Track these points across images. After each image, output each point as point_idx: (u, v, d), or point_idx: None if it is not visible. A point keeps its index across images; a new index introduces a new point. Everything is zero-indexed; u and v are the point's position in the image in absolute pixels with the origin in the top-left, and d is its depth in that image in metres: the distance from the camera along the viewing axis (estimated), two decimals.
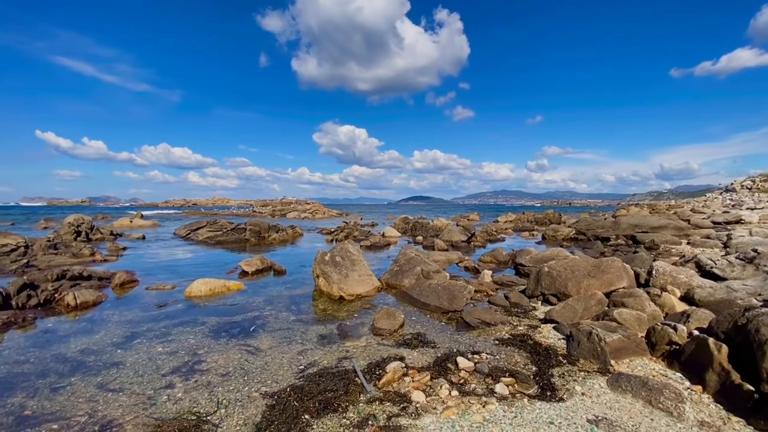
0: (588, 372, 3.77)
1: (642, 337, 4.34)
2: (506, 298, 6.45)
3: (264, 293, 7.30)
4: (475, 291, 6.76)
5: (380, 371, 3.76)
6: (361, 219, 35.35)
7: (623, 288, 5.79)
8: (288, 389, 3.44)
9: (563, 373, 3.76)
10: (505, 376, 3.62)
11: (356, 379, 3.61)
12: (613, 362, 3.87)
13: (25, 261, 10.15)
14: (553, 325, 5.14)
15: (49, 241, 12.26)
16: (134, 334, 5.06)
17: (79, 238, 14.62)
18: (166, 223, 28.42)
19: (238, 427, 2.92)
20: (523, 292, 6.83)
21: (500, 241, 17.23)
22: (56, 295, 6.48)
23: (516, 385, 3.50)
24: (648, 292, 5.66)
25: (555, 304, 5.90)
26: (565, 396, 3.32)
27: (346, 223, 23.00)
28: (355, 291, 6.85)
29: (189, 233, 17.64)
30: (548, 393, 3.38)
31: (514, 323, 5.35)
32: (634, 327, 4.58)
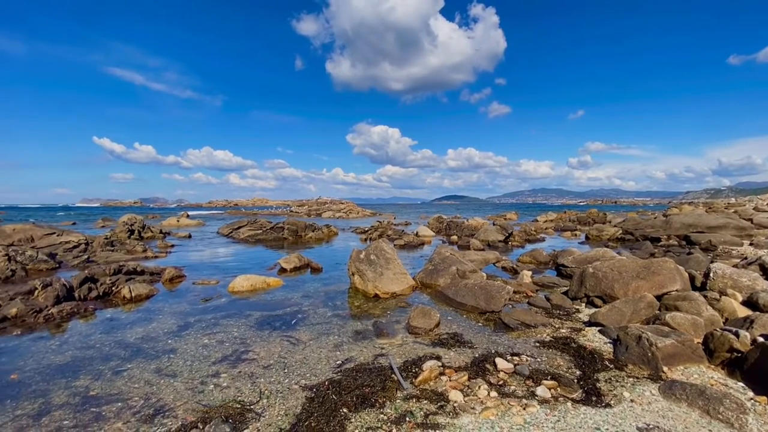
0: (637, 378, 3.58)
1: (698, 343, 4.05)
2: (547, 299, 6.24)
3: (302, 289, 7.52)
4: (514, 292, 6.59)
5: (416, 369, 3.76)
6: (395, 218, 35.41)
7: (676, 291, 5.43)
8: (326, 383, 3.53)
9: (610, 378, 3.58)
10: (546, 379, 3.51)
11: (393, 376, 3.64)
12: (665, 369, 3.64)
13: (86, 257, 11.05)
14: (599, 328, 4.91)
15: (106, 238, 13.27)
16: (185, 324, 5.39)
17: (132, 236, 15.71)
18: (209, 222, 29.93)
19: (279, 417, 3.03)
20: (565, 293, 6.57)
21: (540, 241, 16.66)
22: (113, 288, 7.01)
23: (559, 388, 3.38)
24: (705, 296, 5.27)
25: (600, 307, 5.63)
26: (612, 402, 3.17)
27: (380, 222, 23.13)
28: (389, 289, 6.88)
29: (231, 232, 18.46)
30: (594, 398, 3.24)
31: (556, 325, 5.16)
32: (689, 332, 4.28)
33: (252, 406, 3.20)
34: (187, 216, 30.72)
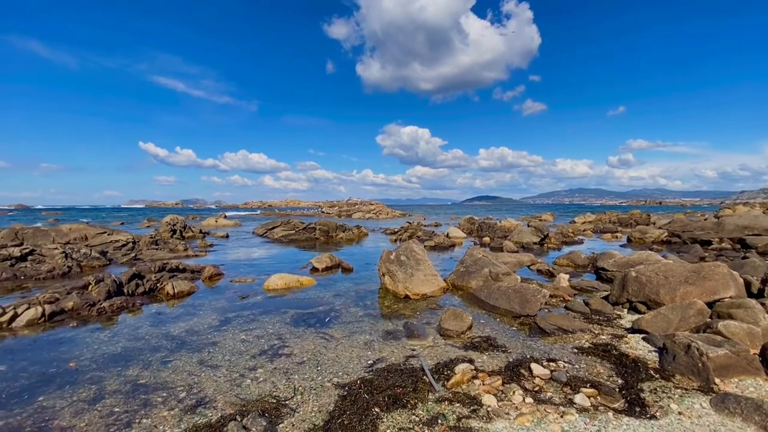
0: (686, 389, 3.37)
1: (755, 354, 3.75)
2: (586, 304, 5.99)
3: (333, 289, 7.64)
4: (550, 295, 6.39)
5: (448, 372, 3.73)
6: (425, 219, 35.20)
7: (729, 298, 5.06)
8: (358, 381, 3.57)
9: (655, 389, 3.40)
10: (585, 387, 3.37)
11: (424, 377, 3.63)
12: (717, 381, 3.41)
13: (133, 255, 11.78)
14: (642, 335, 4.67)
15: (151, 238, 14.07)
16: (224, 320, 5.65)
17: (174, 236, 16.57)
18: (245, 222, 31.04)
19: (312, 414, 3.10)
20: (605, 298, 6.29)
21: (578, 243, 16.02)
22: (158, 285, 7.42)
23: (599, 397, 3.24)
24: (763, 304, 4.87)
25: (644, 313, 5.35)
26: (657, 414, 3.01)
27: (410, 223, 23.07)
28: (420, 290, 6.86)
29: (266, 232, 19.05)
30: (637, 409, 3.09)
31: (596, 331, 4.95)
32: (745, 342, 3.98)
33: (287, 402, 3.29)
34: (225, 216, 32.03)
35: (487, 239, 16.63)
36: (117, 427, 2.95)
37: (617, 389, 3.41)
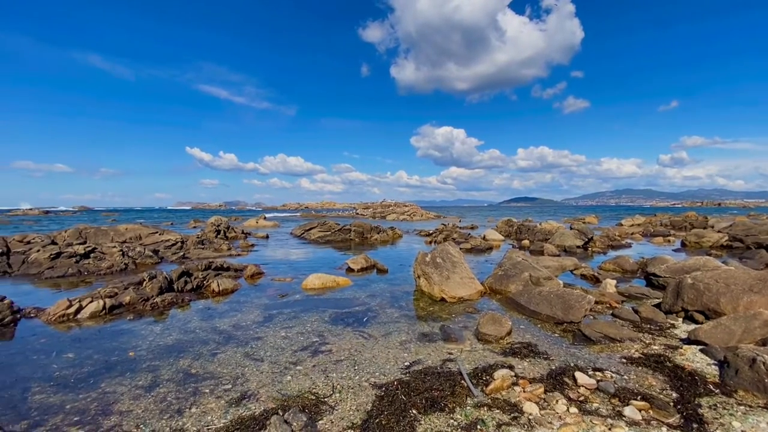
0: (750, 407, 3.10)
1: None
2: (635, 312, 5.66)
3: (369, 289, 7.73)
4: (596, 302, 6.09)
5: (487, 377, 3.66)
6: (460, 221, 34.69)
7: None
8: (395, 383, 3.59)
9: (715, 405, 3.15)
10: (636, 399, 3.19)
11: (462, 382, 3.59)
12: None
13: (182, 253, 12.51)
14: (700, 347, 4.34)
15: (197, 238, 14.89)
16: (267, 317, 5.90)
17: (218, 236, 17.42)
18: (284, 224, 32.06)
19: (351, 412, 3.16)
20: (657, 306, 5.91)
21: (625, 247, 15.16)
22: (204, 282, 7.84)
23: (651, 410, 3.06)
24: None
25: (701, 323, 4.98)
26: (717, 431, 2.79)
27: (445, 225, 22.84)
28: (456, 293, 6.78)
29: (303, 233, 19.58)
30: (694, 425, 2.88)
31: (646, 341, 4.67)
32: None
33: (326, 399, 3.37)
34: (265, 218, 33.26)
35: (526, 242, 16.13)
36: (169, 414, 3.15)
37: (672, 403, 3.20)
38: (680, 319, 5.45)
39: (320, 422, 3.02)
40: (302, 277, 8.52)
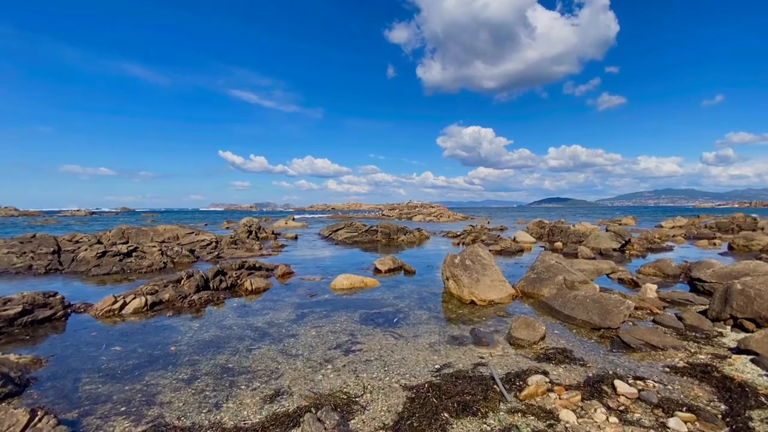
0: None
1: None
2: (678, 318, 5.38)
3: (396, 291, 7.73)
4: (635, 307, 5.83)
5: (520, 383, 3.59)
6: (489, 222, 34.09)
7: None
8: (426, 385, 3.58)
9: (767, 418, 2.95)
10: (681, 411, 3.03)
11: (494, 386, 3.53)
12: None
13: (216, 253, 12.98)
14: (751, 356, 4.07)
15: (231, 238, 15.40)
16: (299, 315, 6.05)
17: (250, 236, 17.95)
18: (312, 225, 32.65)
19: (382, 413, 3.18)
20: (703, 313, 5.59)
21: (666, 250, 14.41)
22: (238, 281, 8.10)
23: (697, 423, 2.90)
24: None
25: (752, 331, 4.66)
26: None
27: (473, 226, 22.50)
28: (486, 296, 6.66)
29: (330, 234, 19.85)
30: None
31: (691, 350, 4.42)
32: None
33: (357, 399, 3.41)
34: (293, 219, 34.00)
35: (559, 244, 15.66)
36: (208, 408, 3.28)
37: (720, 416, 3.01)
38: (728, 327, 5.13)
39: (352, 422, 3.06)
40: (331, 278, 8.65)
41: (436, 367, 4.06)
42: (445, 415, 3.09)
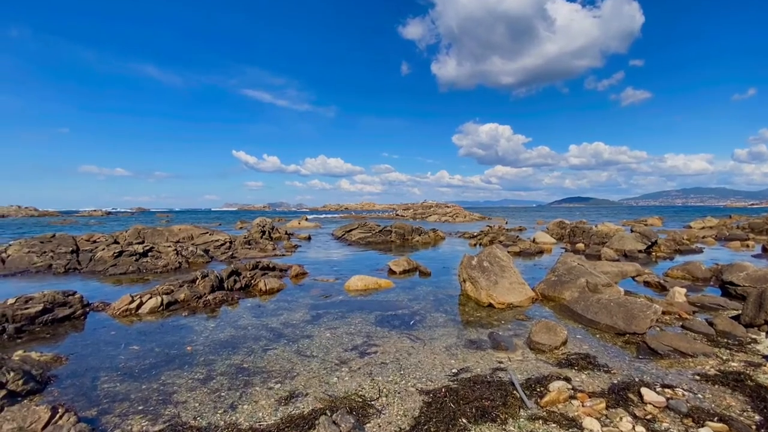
0: None
1: None
2: (709, 324, 5.21)
3: (412, 293, 7.73)
4: (663, 312, 5.68)
5: (541, 389, 3.54)
6: (507, 223, 33.71)
7: None
8: (443, 390, 3.57)
9: None
10: (712, 420, 2.94)
11: (514, 392, 3.49)
12: None
13: (230, 253, 13.20)
14: None
15: (244, 238, 15.64)
16: (314, 316, 6.14)
17: (264, 237, 18.19)
18: (325, 225, 32.91)
19: (398, 417, 3.18)
20: (735, 318, 5.40)
21: (695, 252, 13.99)
22: (252, 282, 8.23)
23: None
24: None
25: None
26: None
27: (490, 227, 22.29)
28: (505, 299, 6.59)
29: (344, 234, 19.96)
30: None
31: (723, 357, 4.29)
32: None
33: (372, 402, 3.42)
34: (306, 219, 34.32)
35: (581, 245, 15.38)
36: (223, 409, 3.35)
37: (754, 426, 2.91)
38: (763, 334, 4.94)
39: (368, 425, 3.07)
40: (344, 278, 8.70)
41: (453, 371, 4.04)
42: (463, 420, 3.07)
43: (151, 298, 6.57)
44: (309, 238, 20.07)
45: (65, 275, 9.99)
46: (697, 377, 3.80)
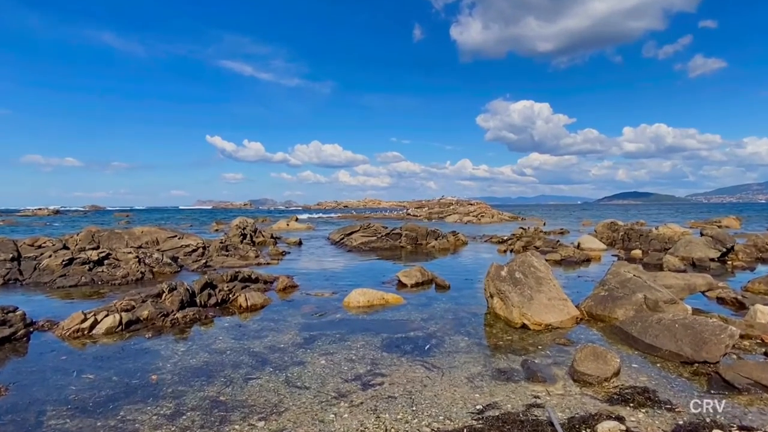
0: None
1: None
2: None
3: (426, 310, 7.77)
4: (741, 335, 5.63)
5: (588, 430, 3.53)
6: (545, 224, 33.65)
7: None
8: (465, 431, 3.57)
9: None
10: None
11: None
12: None
13: (204, 261, 13.35)
14: None
15: (221, 243, 15.81)
16: (307, 339, 6.20)
17: (244, 241, 18.37)
18: (319, 226, 33.15)
19: None
20: None
21: None
22: (230, 296, 8.32)
23: None
24: None
25: None
26: None
27: (524, 229, 22.24)
28: (542, 319, 6.60)
29: (342, 238, 20.06)
30: None
31: None
32: None
33: None
34: (297, 219, 34.60)
35: (637, 252, 15.45)
36: None
37: None
38: None
39: None
40: (343, 293, 8.78)
41: (477, 407, 4.05)
42: None
43: (107, 315, 6.66)
44: (300, 243, 20.22)
45: (4, 288, 10.17)
46: None
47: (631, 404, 4.05)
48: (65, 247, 13.19)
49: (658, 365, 5.08)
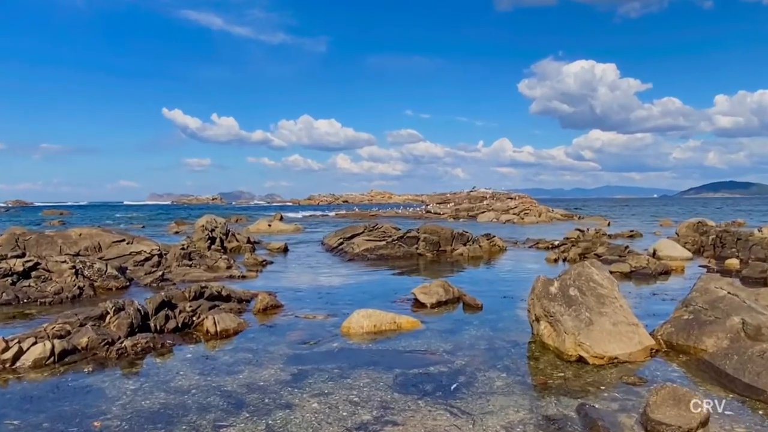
0: None
1: None
2: None
3: (451, 338, 7.80)
4: None
5: None
6: (609, 225, 33.50)
7: None
8: None
9: None
10: None
11: None
12: None
13: (160, 273, 13.47)
14: None
15: (182, 249, 15.93)
16: (293, 375, 6.24)
17: (213, 246, 18.51)
18: (310, 227, 33.30)
19: None
20: None
21: None
22: (194, 319, 8.39)
23: None
24: None
25: None
26: None
27: (582, 231, 22.15)
28: (605, 350, 6.59)
29: (341, 243, 20.11)
30: None
31: None
32: None
33: None
34: (281, 219, 34.74)
35: (734, 262, 15.37)
36: None
37: None
38: None
39: None
40: (342, 315, 8.82)
41: None
42: None
43: (35, 343, 6.74)
44: (285, 250, 20.29)
45: None
46: None
47: None
48: None
49: (761, 412, 5.07)
